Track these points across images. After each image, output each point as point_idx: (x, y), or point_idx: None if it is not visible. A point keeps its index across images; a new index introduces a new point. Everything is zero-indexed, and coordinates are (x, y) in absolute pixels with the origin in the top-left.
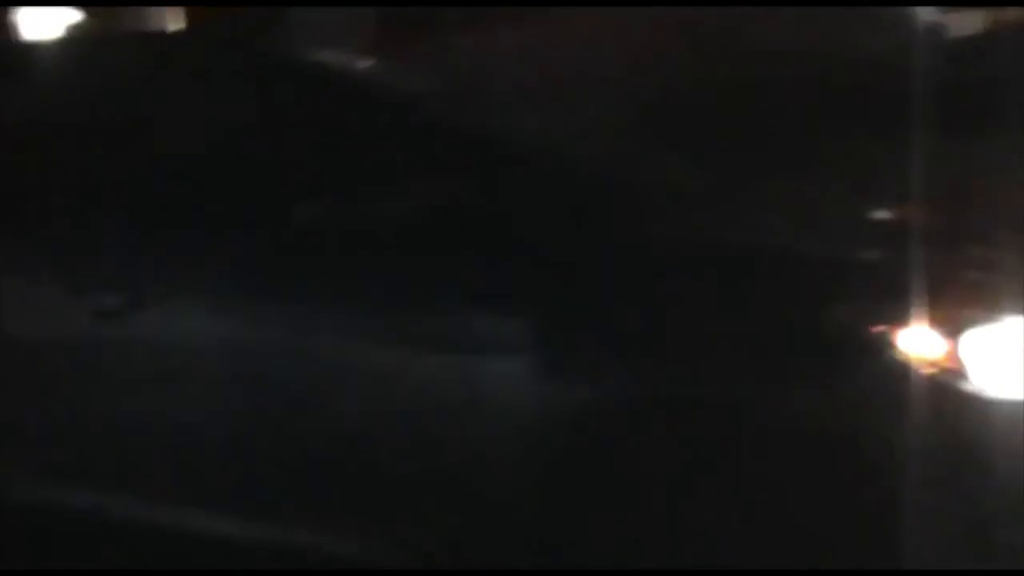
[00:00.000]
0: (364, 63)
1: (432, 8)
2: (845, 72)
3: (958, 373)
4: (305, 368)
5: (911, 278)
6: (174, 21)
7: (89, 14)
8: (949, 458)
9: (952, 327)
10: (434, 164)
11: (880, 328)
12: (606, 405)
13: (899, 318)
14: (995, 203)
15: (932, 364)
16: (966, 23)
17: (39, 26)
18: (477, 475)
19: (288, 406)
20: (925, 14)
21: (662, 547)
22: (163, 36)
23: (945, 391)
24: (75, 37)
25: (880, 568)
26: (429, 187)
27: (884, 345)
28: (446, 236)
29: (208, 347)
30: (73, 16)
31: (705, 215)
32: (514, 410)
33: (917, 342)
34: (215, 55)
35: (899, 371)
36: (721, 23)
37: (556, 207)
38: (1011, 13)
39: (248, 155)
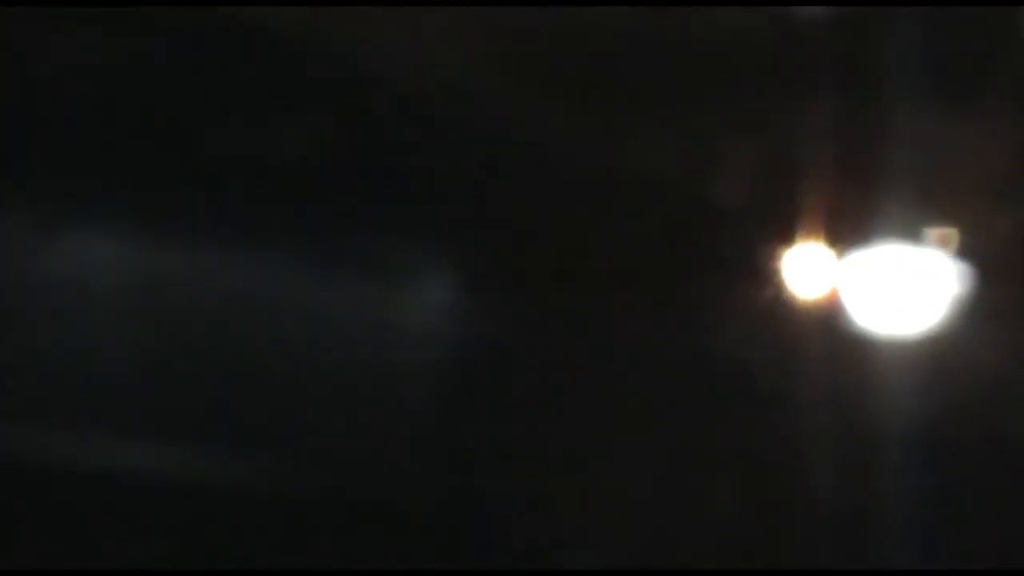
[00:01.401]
0: None
1: None
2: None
3: (838, 308)
4: (219, 298)
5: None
6: None
7: None
8: (830, 396)
9: (831, 260)
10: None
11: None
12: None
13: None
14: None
15: (811, 299)
16: None
17: None
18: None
19: (198, 334)
20: None
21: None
22: None
23: (825, 326)
24: None
25: None
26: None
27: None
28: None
29: (115, 278)
30: None
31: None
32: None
33: (795, 276)
34: None
35: (777, 305)
36: None
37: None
38: None
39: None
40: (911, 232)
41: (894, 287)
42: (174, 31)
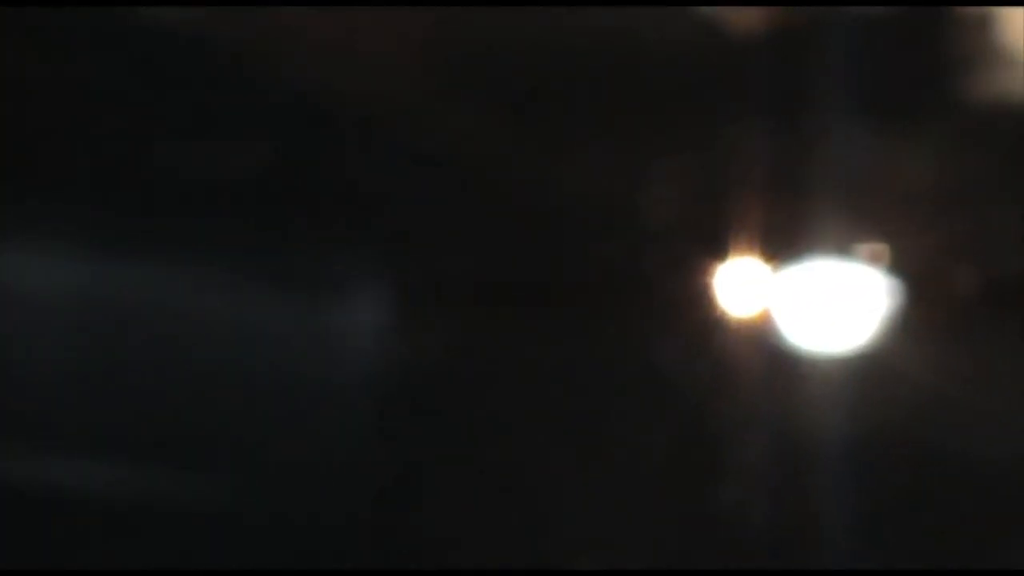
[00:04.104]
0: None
1: None
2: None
3: (769, 324)
4: (159, 316)
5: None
6: None
7: None
8: (762, 412)
9: (762, 276)
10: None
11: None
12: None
13: (708, 267)
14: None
15: (742, 315)
16: None
17: None
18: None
19: (142, 354)
20: None
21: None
22: None
23: (756, 343)
24: None
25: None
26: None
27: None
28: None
29: (58, 296)
30: None
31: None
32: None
33: (726, 292)
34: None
35: (709, 324)
36: None
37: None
38: None
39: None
40: (842, 248)
41: (825, 303)
42: (118, 45)
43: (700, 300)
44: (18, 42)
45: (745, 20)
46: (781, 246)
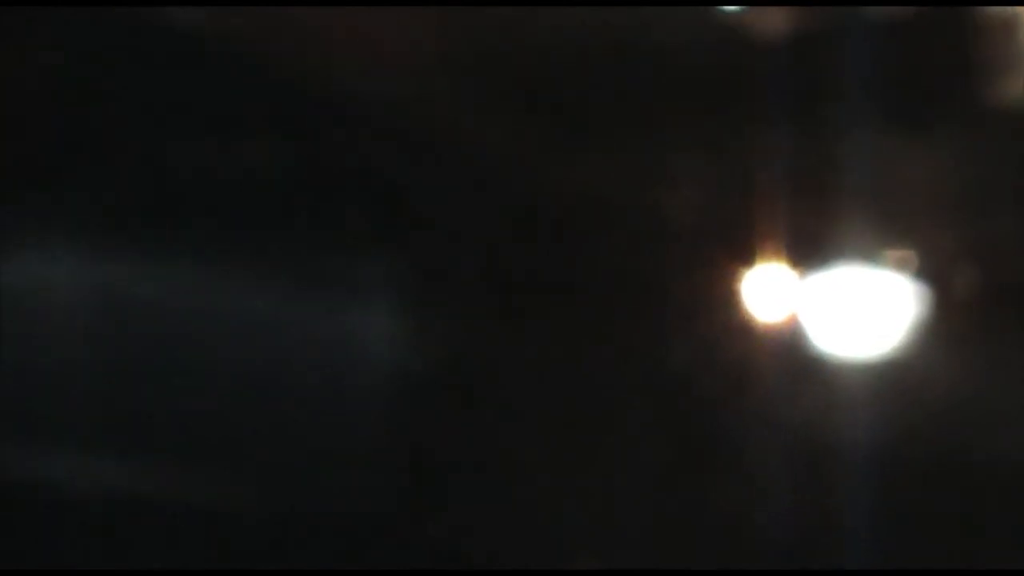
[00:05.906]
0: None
1: None
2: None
3: (796, 329)
4: (173, 314)
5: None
6: None
7: None
8: (789, 417)
9: (790, 282)
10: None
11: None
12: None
13: (736, 273)
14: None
15: (770, 321)
16: None
17: None
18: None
19: (158, 352)
20: None
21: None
22: None
23: (783, 348)
24: None
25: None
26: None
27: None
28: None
29: (70, 295)
30: None
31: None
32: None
33: (754, 298)
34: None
35: (735, 328)
36: None
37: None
38: None
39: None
40: (869, 254)
41: (852, 309)
42: (132, 45)
43: (726, 305)
44: (36, 42)
45: (769, 23)
46: (807, 252)
